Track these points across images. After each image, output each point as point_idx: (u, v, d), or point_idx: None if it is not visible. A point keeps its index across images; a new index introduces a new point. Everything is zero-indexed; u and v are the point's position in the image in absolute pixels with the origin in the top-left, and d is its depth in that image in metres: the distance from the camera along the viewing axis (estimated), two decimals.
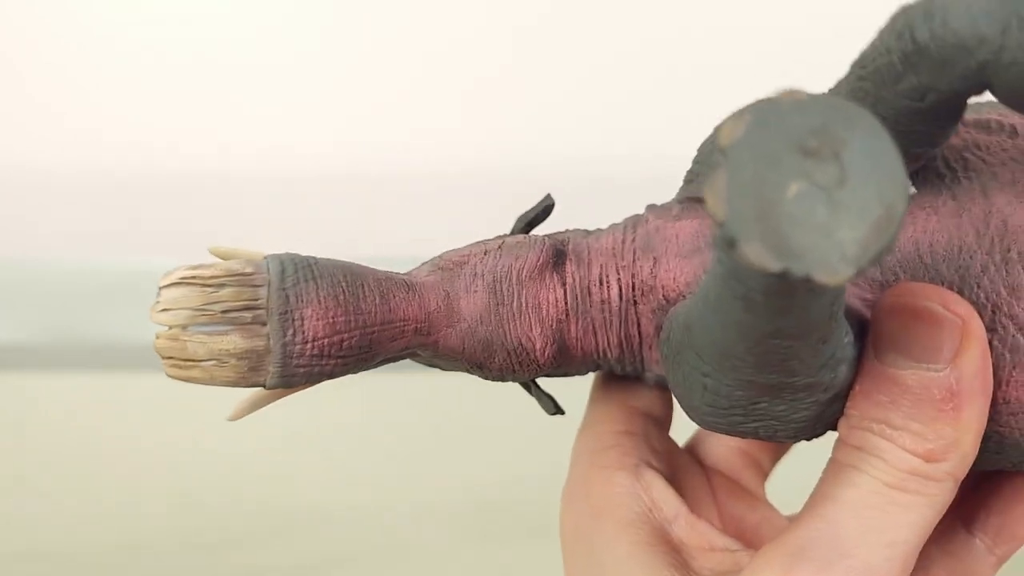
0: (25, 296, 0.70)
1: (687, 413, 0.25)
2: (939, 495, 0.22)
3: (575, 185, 0.30)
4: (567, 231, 0.28)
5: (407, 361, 0.27)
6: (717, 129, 0.16)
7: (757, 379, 0.21)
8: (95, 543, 0.58)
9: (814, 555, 0.22)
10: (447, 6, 0.70)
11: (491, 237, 0.28)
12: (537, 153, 0.70)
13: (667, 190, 0.33)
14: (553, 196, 0.29)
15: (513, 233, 0.28)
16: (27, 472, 0.63)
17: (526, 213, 0.29)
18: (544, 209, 0.28)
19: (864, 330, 0.22)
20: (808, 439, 0.24)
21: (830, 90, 0.23)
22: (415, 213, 0.71)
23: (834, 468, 0.23)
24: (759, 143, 0.16)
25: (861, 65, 0.22)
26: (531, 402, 0.29)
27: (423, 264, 0.27)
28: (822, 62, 0.72)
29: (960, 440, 0.21)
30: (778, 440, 0.24)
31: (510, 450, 0.64)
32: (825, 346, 0.20)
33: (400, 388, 0.68)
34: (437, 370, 0.27)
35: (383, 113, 0.71)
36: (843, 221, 0.16)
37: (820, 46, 0.70)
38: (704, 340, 0.21)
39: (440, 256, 0.27)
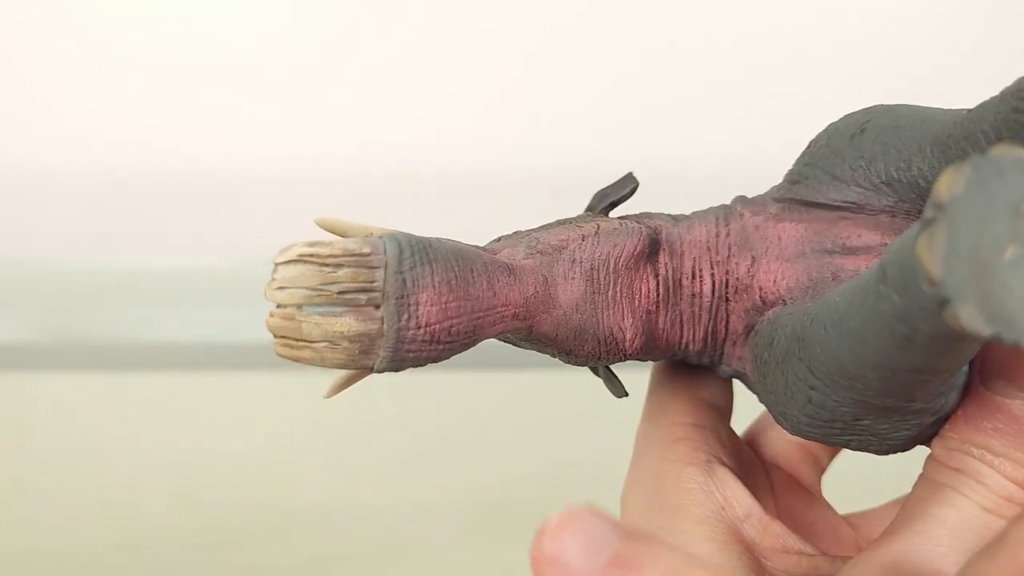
0: (25, 296, 0.70)
1: (777, 418, 0.25)
2: None
3: (578, 185, 0.30)
4: (654, 215, 0.28)
5: None
6: (937, 180, 0.16)
7: (873, 401, 0.21)
8: (95, 543, 0.58)
9: (909, 569, 0.22)
10: (449, 8, 0.70)
11: (582, 216, 0.27)
12: (542, 155, 0.70)
13: (665, 190, 0.33)
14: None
15: (591, 209, 0.28)
16: (27, 472, 0.63)
17: (607, 190, 0.28)
18: (630, 191, 0.28)
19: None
20: (894, 453, 0.24)
21: (970, 112, 0.23)
22: (416, 213, 0.71)
23: (930, 487, 0.23)
24: (978, 202, 0.16)
25: (1020, 98, 0.21)
26: (531, 403, 0.29)
27: (511, 241, 0.27)
28: (826, 68, 0.72)
29: None
30: (868, 452, 0.24)
31: (512, 450, 0.64)
32: (952, 377, 0.21)
33: (401, 388, 0.68)
34: (438, 370, 0.27)
35: (383, 114, 0.71)
36: None
37: (827, 53, 0.70)
38: (823, 358, 0.21)
39: (535, 237, 0.26)
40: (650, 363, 0.31)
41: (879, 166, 0.25)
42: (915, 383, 0.20)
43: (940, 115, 0.24)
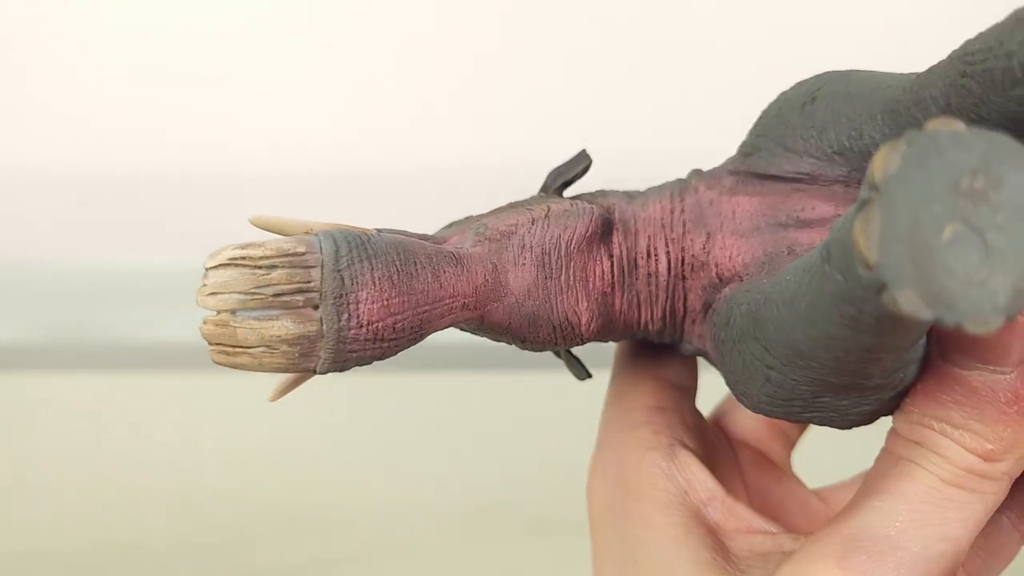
0: (25, 296, 0.70)
1: (738, 397, 0.24)
2: (993, 494, 0.22)
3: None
4: (608, 193, 0.27)
5: (407, 360, 0.26)
6: (872, 159, 0.16)
7: (829, 379, 0.21)
8: (95, 543, 0.58)
9: (867, 546, 0.22)
10: (443, 6, 0.70)
11: (533, 198, 0.26)
12: (532, 150, 0.70)
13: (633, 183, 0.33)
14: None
15: (545, 188, 0.27)
16: (27, 472, 0.63)
17: (560, 169, 0.27)
18: (583, 168, 0.27)
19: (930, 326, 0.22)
20: (857, 427, 0.24)
21: (919, 77, 0.22)
22: (416, 210, 0.71)
23: (890, 460, 0.23)
24: (915, 179, 0.16)
25: (966, 62, 0.20)
26: (531, 403, 0.29)
27: (461, 226, 0.26)
28: (814, 52, 0.72)
29: (1020, 442, 0.21)
30: (831, 427, 0.24)
31: (512, 450, 0.64)
32: (907, 353, 0.20)
33: (401, 388, 0.67)
34: (437, 369, 0.27)
35: (383, 111, 0.71)
36: (996, 267, 0.16)
37: (812, 38, 0.70)
38: (778, 339, 0.20)
39: (483, 223, 0.26)
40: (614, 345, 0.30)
41: (830, 135, 0.24)
42: (868, 361, 0.19)
43: (891, 80, 0.24)
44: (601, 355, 0.29)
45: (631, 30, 0.70)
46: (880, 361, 0.20)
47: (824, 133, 0.24)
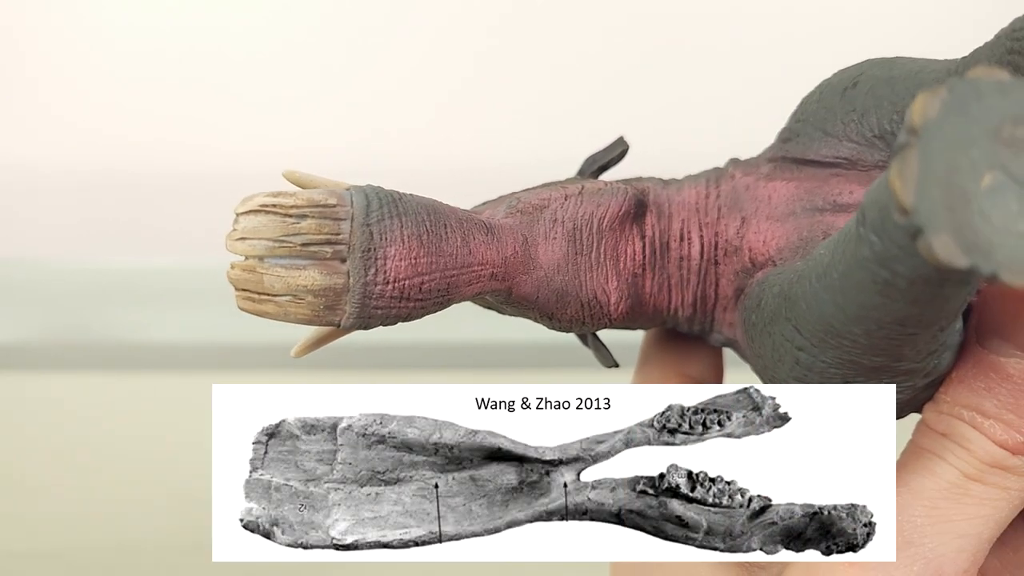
0: (25, 296, 0.70)
1: (767, 384, 0.24)
2: (1019, 491, 0.21)
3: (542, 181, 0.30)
4: (644, 179, 0.27)
5: (405, 359, 0.27)
6: (911, 105, 0.16)
7: (861, 360, 0.20)
8: (95, 543, 0.58)
9: None
10: (434, 7, 0.70)
11: (569, 179, 0.26)
12: (524, 152, 0.70)
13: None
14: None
15: (582, 174, 0.27)
16: (27, 472, 0.63)
17: (596, 155, 0.27)
18: (619, 154, 0.27)
19: (968, 312, 0.22)
20: None
21: (965, 59, 0.22)
22: None
23: (914, 453, 0.22)
24: (954, 126, 0.15)
25: (1014, 38, 0.21)
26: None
27: (494, 203, 0.26)
28: (805, 54, 0.72)
29: None
30: None
31: None
32: (942, 334, 0.20)
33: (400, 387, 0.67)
34: (437, 369, 0.27)
35: (383, 114, 0.71)
36: None
37: (806, 40, 0.70)
38: (810, 316, 0.20)
39: (516, 197, 0.25)
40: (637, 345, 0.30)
41: (872, 119, 0.24)
42: (901, 338, 0.19)
43: (935, 64, 0.23)
44: (620, 356, 0.29)
45: (633, 31, 0.70)
46: (913, 338, 0.19)
47: (865, 117, 0.24)
